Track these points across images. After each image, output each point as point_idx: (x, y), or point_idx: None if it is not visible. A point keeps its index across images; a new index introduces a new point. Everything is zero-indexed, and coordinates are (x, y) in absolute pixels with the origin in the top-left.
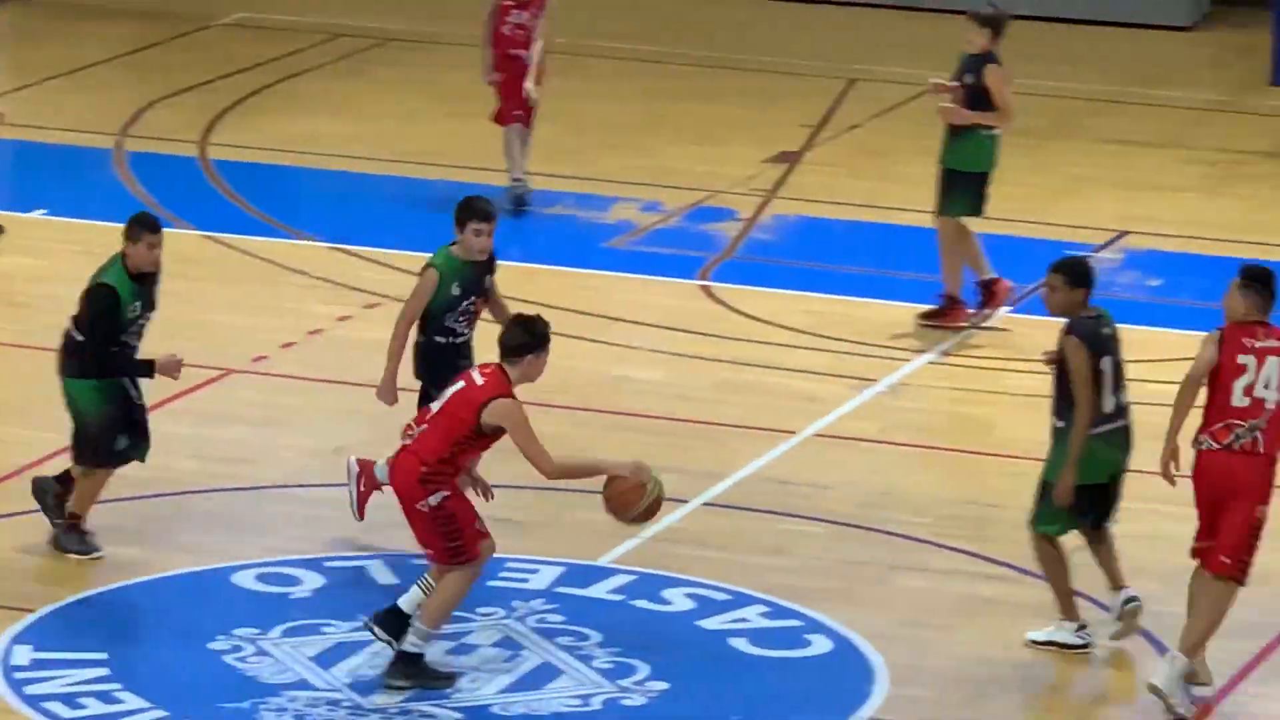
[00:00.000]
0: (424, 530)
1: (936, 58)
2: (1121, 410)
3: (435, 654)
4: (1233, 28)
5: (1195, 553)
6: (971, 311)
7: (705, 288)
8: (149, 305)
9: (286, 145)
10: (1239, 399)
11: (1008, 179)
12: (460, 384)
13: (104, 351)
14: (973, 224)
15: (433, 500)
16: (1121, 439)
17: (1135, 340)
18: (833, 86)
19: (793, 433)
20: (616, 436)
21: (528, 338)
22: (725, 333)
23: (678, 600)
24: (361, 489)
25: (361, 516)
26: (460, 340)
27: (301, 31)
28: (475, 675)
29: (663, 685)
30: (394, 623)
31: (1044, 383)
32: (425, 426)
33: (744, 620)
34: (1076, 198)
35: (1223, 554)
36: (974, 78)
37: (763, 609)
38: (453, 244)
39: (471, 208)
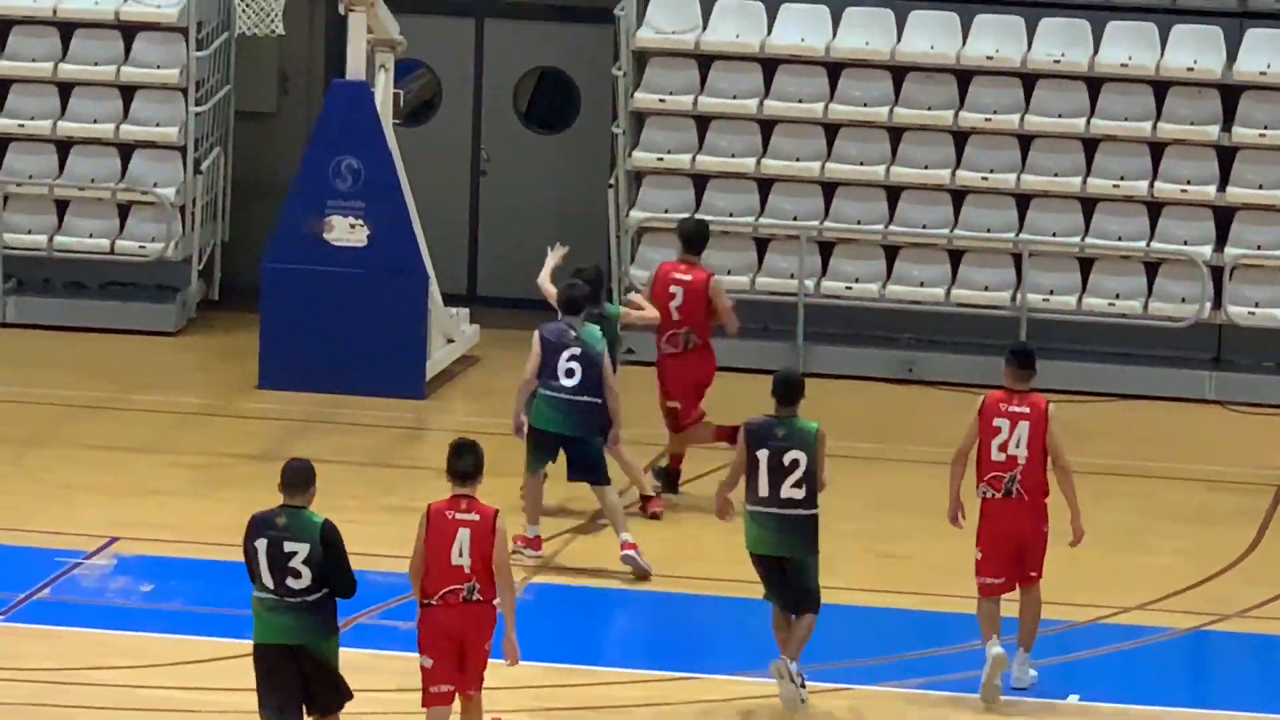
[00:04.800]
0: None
1: None
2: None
3: None
4: (221, 332)
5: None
6: None
7: None
8: None
9: None
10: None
11: None
12: (462, 534)
13: None
14: None
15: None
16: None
17: (131, 647)
18: None
19: None
20: None
21: (478, 456)
22: None
23: None
24: None
25: None
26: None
27: None
28: None
29: None
30: None
31: None
32: (475, 582)
33: None
34: (64, 504)
35: (1033, 571)
36: None
37: None
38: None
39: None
